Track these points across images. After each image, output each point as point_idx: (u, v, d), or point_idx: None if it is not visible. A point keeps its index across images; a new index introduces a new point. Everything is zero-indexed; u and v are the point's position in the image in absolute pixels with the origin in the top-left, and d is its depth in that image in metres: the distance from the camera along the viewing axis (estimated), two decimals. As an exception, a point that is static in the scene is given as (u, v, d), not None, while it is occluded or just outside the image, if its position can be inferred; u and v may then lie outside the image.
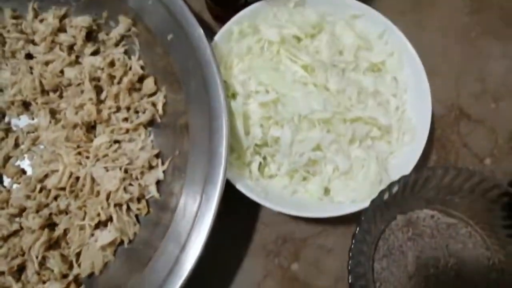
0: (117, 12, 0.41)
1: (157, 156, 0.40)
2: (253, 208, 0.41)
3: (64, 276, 0.37)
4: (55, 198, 0.39)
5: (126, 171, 0.39)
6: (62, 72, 0.42)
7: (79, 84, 0.42)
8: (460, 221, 0.39)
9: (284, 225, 0.41)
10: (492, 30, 0.48)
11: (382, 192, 0.35)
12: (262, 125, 0.37)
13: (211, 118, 0.35)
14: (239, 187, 0.36)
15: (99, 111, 0.41)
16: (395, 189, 0.35)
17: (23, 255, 0.37)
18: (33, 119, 0.43)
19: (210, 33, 0.42)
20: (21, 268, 0.37)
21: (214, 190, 0.34)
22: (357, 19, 0.41)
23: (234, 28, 0.39)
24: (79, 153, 0.40)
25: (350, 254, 0.34)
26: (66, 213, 0.39)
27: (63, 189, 0.39)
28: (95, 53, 0.44)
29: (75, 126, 0.40)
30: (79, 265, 0.38)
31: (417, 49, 0.41)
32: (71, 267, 0.37)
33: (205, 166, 0.35)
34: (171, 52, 0.39)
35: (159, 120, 0.41)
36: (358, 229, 0.34)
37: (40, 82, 0.42)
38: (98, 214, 0.38)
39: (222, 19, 0.43)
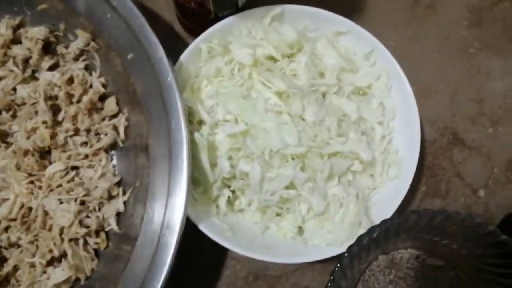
0: (74, 25, 0.37)
1: (118, 184, 0.37)
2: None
3: (12, 318, 0.34)
4: (6, 229, 0.36)
5: (82, 202, 0.36)
6: (14, 89, 0.38)
7: (33, 103, 0.38)
8: (447, 263, 0.36)
9: (256, 261, 0.37)
10: (492, 45, 0.44)
11: (360, 238, 0.32)
12: (230, 157, 0.33)
13: (171, 149, 0.32)
14: (203, 228, 0.32)
15: (54, 135, 0.37)
16: (375, 234, 0.32)
17: (-34, 296, 0.34)
18: (-15, 139, 0.39)
19: (181, 45, 0.38)
20: (-36, 311, 0.34)
21: (174, 227, 0.31)
22: (341, 36, 0.37)
23: (202, 46, 0.35)
24: (32, 182, 0.36)
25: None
26: (19, 246, 0.36)
27: (15, 219, 0.36)
28: (54, 66, 0.40)
29: (26, 152, 0.36)
30: (29, 306, 0.34)
31: (410, 66, 0.37)
32: (20, 307, 0.34)
33: (165, 200, 0.32)
34: (131, 73, 0.35)
35: (121, 144, 0.38)
36: (331, 279, 0.31)
37: (-9, 100, 0.38)
38: (51, 250, 0.35)
39: (194, 32, 0.39)
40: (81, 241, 0.35)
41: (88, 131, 0.38)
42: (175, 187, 0.32)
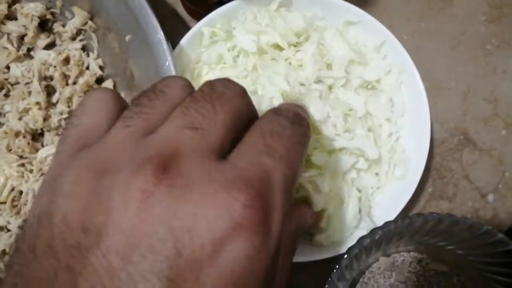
0: (71, 2, 0.36)
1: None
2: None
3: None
4: (-5, 212, 0.35)
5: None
6: (8, 68, 0.37)
7: (27, 83, 0.36)
8: (452, 269, 0.35)
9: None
10: (511, 43, 0.42)
11: (361, 239, 0.30)
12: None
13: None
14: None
15: (47, 117, 0.35)
16: (377, 236, 0.30)
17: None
18: (-24, 119, 0.38)
19: (184, 29, 0.36)
20: None
21: None
22: (351, 26, 0.35)
23: (204, 30, 0.33)
24: (23, 165, 0.35)
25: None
26: (8, 230, 0.35)
27: (3, 203, 0.35)
28: (50, 45, 0.38)
29: (17, 134, 0.35)
30: None
31: (421, 61, 0.35)
32: None
33: None
34: (129, 56, 0.33)
35: (117, 129, 0.36)
36: (329, 280, 0.29)
37: (-16, 78, 0.36)
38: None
39: (197, 15, 0.37)
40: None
41: (83, 114, 0.36)
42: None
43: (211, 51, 0.33)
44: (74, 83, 0.37)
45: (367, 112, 0.34)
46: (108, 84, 0.36)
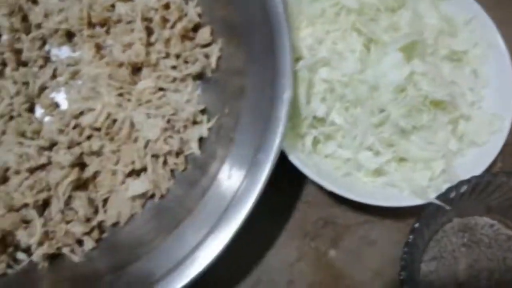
0: None
1: (202, 112, 0.37)
2: (297, 183, 0.38)
3: (88, 220, 0.34)
4: (88, 137, 0.36)
5: (168, 121, 0.36)
6: (113, 6, 0.39)
7: (129, 22, 0.38)
8: (521, 236, 0.36)
9: (327, 208, 0.38)
10: None
11: (449, 190, 0.32)
12: (324, 99, 0.34)
13: (273, 82, 0.31)
14: (292, 159, 0.32)
15: (147, 54, 0.37)
16: (463, 188, 0.32)
17: (49, 190, 0.34)
18: (74, 51, 0.40)
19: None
20: (45, 204, 0.34)
21: (265, 161, 0.30)
22: (443, 1, 0.37)
23: (310, -15, 0.35)
24: (121, 94, 0.37)
25: (406, 249, 0.30)
26: (98, 156, 0.36)
27: (98, 129, 0.36)
28: (152, -9, 0.40)
29: (120, 65, 0.37)
30: (105, 211, 0.35)
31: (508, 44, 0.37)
32: (96, 212, 0.35)
33: (258, 133, 0.31)
34: (234, 1, 0.35)
35: (209, 74, 0.38)
36: (418, 223, 0.31)
37: (88, 14, 0.38)
38: (133, 162, 0.35)
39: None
40: (161, 159, 0.36)
41: (177, 56, 0.38)
42: (273, 120, 0.30)
43: (315, 5, 0.35)
44: (172, 27, 0.39)
45: (452, 80, 0.36)
46: (205, 30, 0.38)
